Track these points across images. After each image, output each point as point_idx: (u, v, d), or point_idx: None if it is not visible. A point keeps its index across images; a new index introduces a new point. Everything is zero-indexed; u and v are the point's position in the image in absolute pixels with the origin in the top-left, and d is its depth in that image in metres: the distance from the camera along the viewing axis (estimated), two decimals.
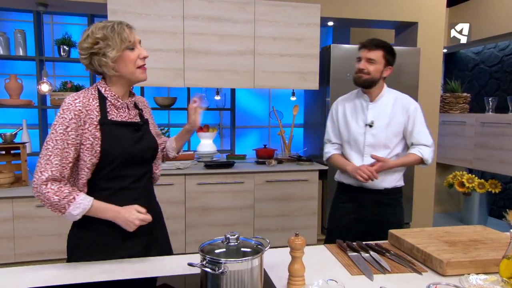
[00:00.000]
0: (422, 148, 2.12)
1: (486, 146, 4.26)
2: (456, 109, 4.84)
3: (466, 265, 1.33)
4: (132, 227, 1.40)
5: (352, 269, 1.39)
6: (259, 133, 4.42)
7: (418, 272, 1.36)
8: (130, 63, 1.42)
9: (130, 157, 1.46)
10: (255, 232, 3.48)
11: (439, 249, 1.43)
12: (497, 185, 4.36)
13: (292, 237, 1.22)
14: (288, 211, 3.53)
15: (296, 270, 1.22)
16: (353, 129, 2.15)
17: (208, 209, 3.36)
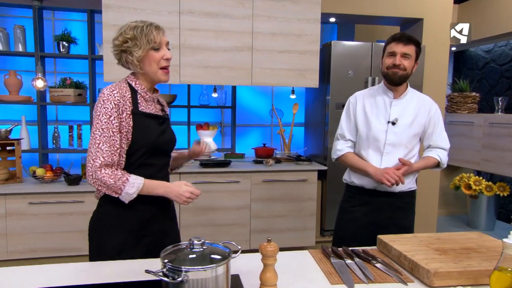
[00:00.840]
0: (440, 152, 2.06)
1: (494, 147, 4.11)
2: (464, 109, 4.69)
3: (456, 276, 1.23)
4: (182, 199, 1.50)
5: (333, 278, 1.29)
6: (261, 132, 4.33)
7: (403, 282, 1.27)
8: (154, 63, 1.50)
9: (155, 147, 1.54)
10: (252, 234, 3.39)
11: (428, 257, 1.33)
12: (505, 188, 4.21)
13: (264, 243, 1.13)
14: (285, 211, 3.43)
15: (268, 279, 1.13)
16: (373, 126, 2.02)
17: (203, 209, 3.28)
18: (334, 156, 2.17)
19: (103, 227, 1.53)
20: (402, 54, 1.93)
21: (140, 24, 1.48)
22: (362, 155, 2.08)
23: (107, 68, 3.12)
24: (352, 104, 2.13)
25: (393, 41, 1.96)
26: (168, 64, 1.53)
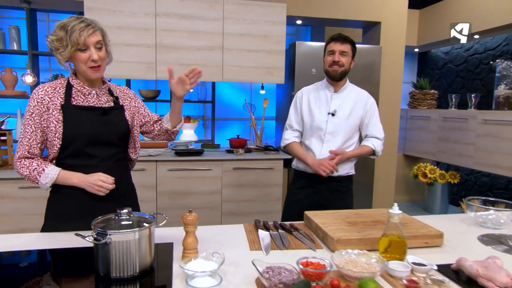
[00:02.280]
0: (374, 141, 2.16)
1: (447, 139, 4.21)
2: (424, 105, 4.79)
3: (355, 242, 1.33)
4: (94, 188, 1.45)
5: (254, 245, 1.39)
6: (240, 125, 4.41)
7: (313, 248, 1.36)
8: (81, 63, 1.45)
9: (93, 137, 1.49)
10: (223, 216, 3.48)
11: (338, 228, 1.42)
12: (456, 176, 4.33)
13: (186, 214, 1.22)
14: (254, 196, 3.52)
15: (189, 244, 1.22)
16: (316, 117, 2.13)
17: (178, 194, 3.36)
18: (282, 144, 2.27)
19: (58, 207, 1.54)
20: (340, 51, 2.04)
21: (68, 24, 1.40)
22: (306, 143, 2.18)
23: None
24: (299, 98, 2.23)
25: (332, 41, 2.08)
26: (95, 64, 1.45)
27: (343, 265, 1.11)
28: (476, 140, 3.78)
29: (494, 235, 1.54)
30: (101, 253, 1.11)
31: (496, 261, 1.13)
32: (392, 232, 1.22)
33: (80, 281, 1.13)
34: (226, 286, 1.07)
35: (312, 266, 1.07)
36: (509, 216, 1.64)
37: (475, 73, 4.49)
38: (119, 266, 1.11)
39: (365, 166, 3.97)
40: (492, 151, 3.58)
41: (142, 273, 1.15)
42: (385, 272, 1.14)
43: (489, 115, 3.63)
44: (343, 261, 1.14)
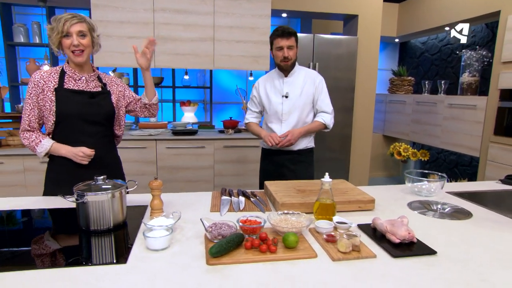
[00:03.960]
0: (324, 115, 2.20)
1: (419, 121, 4.26)
2: (401, 91, 4.82)
3: (297, 206, 1.44)
4: (78, 158, 1.60)
5: (214, 208, 1.51)
6: (237, 108, 4.49)
7: (262, 210, 1.48)
8: (65, 48, 1.60)
9: (82, 116, 1.63)
10: (215, 188, 3.62)
11: (286, 194, 1.54)
12: (426, 154, 4.39)
13: (152, 181, 1.34)
14: (242, 171, 3.65)
15: (155, 205, 1.35)
16: (273, 101, 2.21)
17: (176, 168, 3.50)
18: (243, 124, 2.37)
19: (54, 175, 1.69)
20: (287, 46, 2.06)
21: (59, 17, 1.54)
22: (268, 125, 2.28)
23: (96, 55, 3.29)
24: (256, 87, 2.32)
25: (278, 37, 2.07)
26: (76, 49, 1.56)
27: (276, 223, 1.23)
28: (443, 122, 3.83)
29: (421, 201, 1.65)
30: (81, 211, 1.25)
31: (403, 220, 1.23)
32: (323, 197, 1.33)
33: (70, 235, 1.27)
34: (180, 239, 1.19)
35: (249, 223, 1.19)
36: (438, 186, 1.73)
37: (447, 62, 4.49)
38: (96, 221, 1.25)
39: (343, 145, 4.06)
40: (455, 132, 3.64)
41: (116, 227, 1.28)
42: (313, 229, 1.25)
43: (453, 99, 3.67)
44: (277, 219, 1.26)
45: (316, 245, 1.15)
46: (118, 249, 1.14)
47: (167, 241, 1.12)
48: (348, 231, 1.22)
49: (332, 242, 1.15)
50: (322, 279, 0.96)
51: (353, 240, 1.10)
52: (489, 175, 3.16)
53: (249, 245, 1.09)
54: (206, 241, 1.15)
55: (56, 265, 1.01)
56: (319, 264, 1.04)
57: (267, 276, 0.97)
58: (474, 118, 3.38)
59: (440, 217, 1.46)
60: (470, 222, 1.41)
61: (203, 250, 1.11)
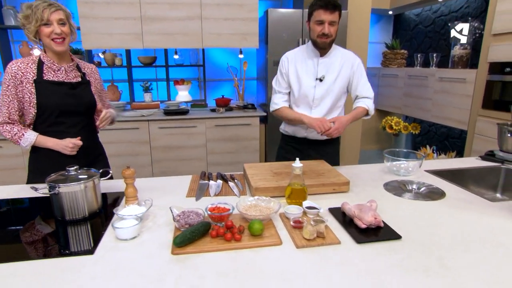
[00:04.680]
0: (367, 101, 1.91)
1: (411, 95, 4.17)
2: (394, 64, 4.68)
3: (271, 190, 1.42)
4: (67, 149, 1.57)
5: (190, 193, 1.49)
6: (231, 85, 4.40)
7: (237, 195, 1.46)
8: (45, 37, 1.51)
9: (63, 108, 1.58)
10: (208, 166, 3.62)
11: (262, 178, 1.51)
12: (417, 127, 4.33)
13: (124, 169, 1.31)
14: (234, 149, 3.63)
15: (129, 193, 1.33)
16: (304, 84, 1.87)
17: (169, 147, 3.49)
18: (271, 109, 1.99)
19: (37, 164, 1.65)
20: (329, 22, 1.73)
21: (35, 3, 1.46)
22: (294, 109, 1.95)
23: (84, 37, 3.20)
24: (284, 63, 1.93)
25: (321, 9, 1.72)
26: (58, 37, 1.50)
27: (246, 209, 1.21)
28: (434, 95, 3.74)
29: (397, 181, 1.62)
30: (55, 201, 1.24)
31: (372, 204, 1.21)
32: (294, 181, 1.31)
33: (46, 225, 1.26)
34: (151, 227, 1.19)
35: (217, 210, 1.18)
36: (416, 165, 1.70)
37: (441, 34, 4.33)
38: (70, 210, 1.24)
39: None
40: (445, 105, 3.56)
41: (92, 215, 1.28)
42: (283, 214, 1.24)
43: (444, 73, 3.56)
44: (247, 206, 1.24)
45: (284, 232, 1.14)
46: (89, 239, 1.13)
47: (135, 231, 1.11)
48: (317, 216, 1.21)
49: (299, 229, 1.13)
50: (283, 267, 0.95)
51: (318, 227, 1.08)
52: (476, 148, 3.11)
53: (215, 233, 1.08)
54: (175, 229, 1.14)
55: (19, 259, 1.00)
56: (283, 252, 1.02)
57: (229, 265, 0.96)
58: (463, 91, 3.29)
59: (414, 198, 1.44)
60: (442, 203, 1.38)
61: (171, 239, 1.10)
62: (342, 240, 1.08)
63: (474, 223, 1.21)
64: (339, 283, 0.88)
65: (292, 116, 1.89)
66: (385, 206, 1.33)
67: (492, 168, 1.86)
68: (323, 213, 1.25)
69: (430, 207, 1.34)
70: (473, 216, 1.26)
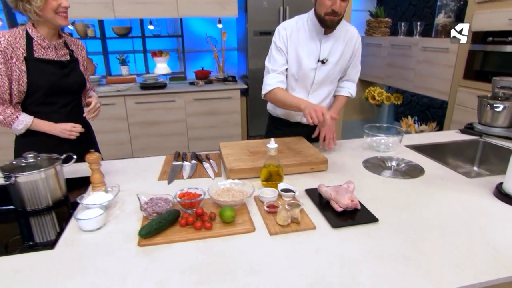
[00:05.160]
0: (351, 87, 1.75)
1: (394, 65, 4.10)
2: (378, 33, 4.56)
3: (247, 171, 1.35)
4: (66, 133, 1.50)
5: (163, 176, 1.41)
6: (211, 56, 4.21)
7: (212, 177, 1.39)
8: (50, 11, 1.37)
9: (55, 88, 1.48)
10: (189, 141, 3.53)
11: (237, 158, 1.44)
12: (399, 98, 4.30)
13: (88, 154, 1.22)
14: (215, 123, 3.53)
15: (95, 179, 1.24)
16: (304, 65, 1.59)
17: (148, 123, 3.37)
18: (264, 91, 1.63)
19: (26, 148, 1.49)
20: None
21: None
22: (290, 92, 1.68)
23: None
24: (282, 37, 1.59)
25: None
26: (64, 10, 1.40)
27: (218, 193, 1.14)
28: (416, 65, 3.68)
29: (377, 158, 1.58)
30: (13, 191, 1.14)
31: (349, 185, 1.17)
32: (269, 162, 1.24)
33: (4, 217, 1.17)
34: (118, 215, 1.11)
35: (187, 196, 1.11)
36: (396, 140, 1.66)
37: (425, 1, 4.20)
38: (31, 200, 1.15)
39: None
40: (428, 75, 3.51)
41: (56, 204, 1.19)
42: (258, 198, 1.18)
43: (427, 42, 3.48)
44: (219, 190, 1.17)
45: (258, 217, 1.09)
46: (50, 232, 1.05)
47: (100, 221, 1.04)
48: (292, 199, 1.16)
49: (273, 214, 1.08)
50: (254, 257, 0.90)
51: (292, 212, 1.03)
52: (456, 119, 3.10)
53: (184, 222, 1.01)
54: (143, 217, 1.08)
55: None
56: (255, 240, 0.98)
57: (198, 256, 0.91)
58: (446, 61, 3.23)
59: (393, 175, 1.40)
60: (421, 181, 1.35)
61: (139, 229, 1.03)
62: (317, 225, 1.04)
63: (451, 202, 1.18)
64: (312, 273, 0.84)
65: (288, 100, 1.54)
66: (363, 186, 1.29)
67: (471, 142, 1.84)
68: (299, 195, 1.20)
69: (409, 185, 1.31)
70: (450, 195, 1.23)
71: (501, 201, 1.19)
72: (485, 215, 1.10)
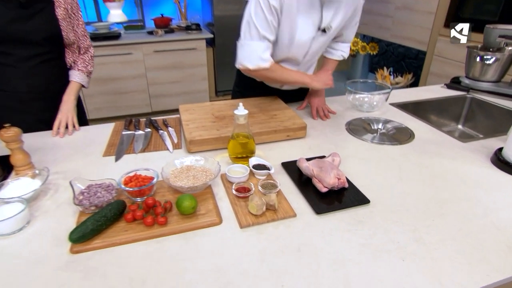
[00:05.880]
0: (345, 49, 1.47)
1: (371, 12, 3.81)
2: None
3: (211, 142, 1.13)
4: None
5: (109, 150, 1.16)
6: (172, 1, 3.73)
7: (170, 150, 1.15)
8: None
9: (7, 35, 1.17)
10: (151, 98, 3.20)
11: (200, 125, 1.20)
12: (375, 47, 4.09)
13: (2, 130, 0.94)
14: (180, 78, 3.20)
15: (16, 161, 0.98)
16: (300, 34, 1.23)
17: (102, 80, 2.98)
18: (252, 65, 1.20)
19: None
20: None
21: None
22: None
23: None
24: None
25: None
26: None
27: (175, 177, 0.92)
28: (395, 12, 3.43)
29: (361, 119, 1.39)
30: None
31: (334, 159, 0.97)
32: (238, 132, 1.02)
33: None
34: (47, 209, 0.87)
35: (136, 181, 0.88)
36: (381, 99, 1.47)
37: None
38: None
39: None
40: (406, 23, 3.29)
41: None
42: (225, 177, 0.97)
43: None
44: (176, 170, 0.95)
45: (226, 203, 0.88)
46: None
47: (20, 221, 0.80)
48: (267, 178, 0.96)
49: (244, 199, 0.88)
50: (220, 258, 0.71)
51: (267, 198, 0.83)
52: (434, 70, 2.96)
53: (131, 217, 0.79)
54: (80, 211, 0.84)
55: None
56: (222, 235, 0.78)
57: (149, 262, 0.70)
58: (426, 8, 3.00)
59: (380, 141, 1.23)
60: (411, 148, 1.19)
61: (74, 226, 0.80)
62: (298, 211, 0.85)
63: (448, 173, 1.03)
64: (291, 277, 0.66)
65: (289, 78, 1.28)
66: (348, 155, 1.11)
67: (457, 98, 1.69)
68: (275, 173, 1.00)
69: (399, 153, 1.14)
70: (446, 165, 1.08)
71: (500, 169, 1.05)
72: (486, 187, 0.95)
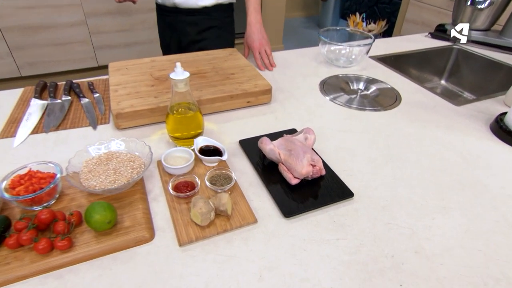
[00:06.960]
0: None
1: None
2: None
3: (147, 114, 0.86)
4: None
5: (9, 127, 0.86)
6: None
7: (93, 126, 0.87)
8: None
9: None
10: (96, 50, 2.75)
11: (133, 91, 0.91)
12: None
13: None
14: (128, 25, 2.75)
15: None
16: None
17: (31, 28, 2.49)
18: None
19: None
20: None
21: None
22: None
23: None
24: None
25: None
26: None
27: (88, 172, 0.65)
28: None
29: (338, 77, 1.15)
30: None
31: (308, 136, 0.74)
32: (178, 103, 0.75)
33: None
34: None
35: (29, 183, 0.60)
36: (361, 52, 1.22)
37: None
38: None
39: None
40: None
41: None
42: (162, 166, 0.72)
43: None
44: (92, 161, 0.68)
45: (162, 205, 0.64)
46: None
47: None
48: (219, 168, 0.72)
49: (186, 199, 0.64)
50: None
51: (216, 200, 0.60)
52: (409, 17, 2.71)
53: (14, 242, 0.54)
54: None
55: None
56: (152, 259, 0.55)
57: None
58: None
59: (360, 105, 1.00)
60: (399, 114, 0.97)
61: None
62: (260, 214, 0.63)
63: (445, 150, 0.83)
64: None
65: None
66: (324, 127, 0.88)
67: (443, 50, 1.47)
68: (231, 155, 0.76)
69: (385, 122, 0.93)
70: (441, 136, 0.88)
71: (502, 140, 0.87)
72: (488, 168, 0.78)
